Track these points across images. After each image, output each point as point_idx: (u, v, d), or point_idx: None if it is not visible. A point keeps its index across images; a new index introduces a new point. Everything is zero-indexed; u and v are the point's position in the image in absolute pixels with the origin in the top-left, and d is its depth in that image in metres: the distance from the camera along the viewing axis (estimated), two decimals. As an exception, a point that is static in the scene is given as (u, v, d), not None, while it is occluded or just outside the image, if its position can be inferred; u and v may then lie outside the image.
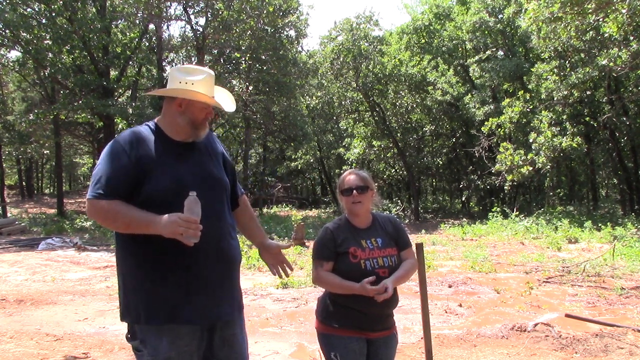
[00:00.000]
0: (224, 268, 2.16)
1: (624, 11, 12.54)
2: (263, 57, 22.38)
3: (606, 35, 14.87)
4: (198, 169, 2.16)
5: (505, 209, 19.57)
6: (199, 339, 2.11)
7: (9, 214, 22.95)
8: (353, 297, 2.38)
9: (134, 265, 2.08)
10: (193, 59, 23.21)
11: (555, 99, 18.24)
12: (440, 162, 29.32)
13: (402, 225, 2.69)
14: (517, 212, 18.01)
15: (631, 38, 15.01)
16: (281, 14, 21.81)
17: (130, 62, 22.39)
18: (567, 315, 5.53)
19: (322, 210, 29.61)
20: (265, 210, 26.35)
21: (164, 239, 1.97)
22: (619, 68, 15.22)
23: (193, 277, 2.07)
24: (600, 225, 13.98)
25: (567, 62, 18.60)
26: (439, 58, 24.98)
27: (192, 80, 2.17)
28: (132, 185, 2.02)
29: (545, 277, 7.88)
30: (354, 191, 2.50)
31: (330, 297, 2.49)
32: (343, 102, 25.94)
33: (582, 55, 18.04)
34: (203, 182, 2.12)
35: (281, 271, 2.49)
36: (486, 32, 22.86)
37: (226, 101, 2.33)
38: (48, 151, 28.83)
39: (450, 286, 7.43)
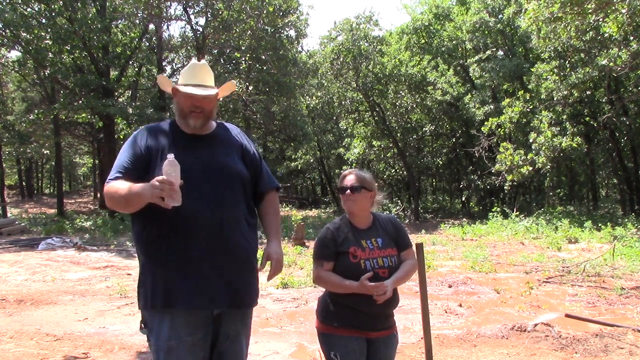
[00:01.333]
0: (226, 258, 2.15)
1: (624, 11, 12.53)
2: (263, 57, 22.37)
3: (606, 35, 14.87)
4: (204, 158, 2.21)
5: (505, 209, 19.56)
6: (203, 331, 2.12)
7: (9, 214, 22.94)
8: (353, 297, 2.39)
9: (143, 250, 2.18)
10: (193, 59, 23.18)
11: (555, 99, 18.23)
12: (440, 162, 29.31)
13: (403, 226, 2.69)
14: (517, 212, 18.01)
15: (631, 38, 15.00)
16: (281, 14, 21.80)
17: (130, 62, 22.39)
18: (567, 315, 5.53)
19: (322, 210, 29.61)
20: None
21: (162, 223, 2.07)
22: (619, 68, 15.21)
23: (187, 261, 2.09)
24: (600, 225, 13.98)
25: (567, 62, 18.60)
26: (438, 58, 24.97)
27: (182, 72, 2.32)
28: (143, 171, 2.12)
29: (545, 277, 7.88)
30: (348, 190, 2.51)
31: (331, 297, 2.50)
32: (343, 102, 25.93)
33: (582, 55, 18.04)
34: (206, 169, 2.16)
35: (267, 268, 2.38)
36: (486, 32, 22.86)
37: (205, 89, 2.26)
38: (48, 151, 28.82)
39: (450, 286, 7.43)
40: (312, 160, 32.92)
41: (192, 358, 2.08)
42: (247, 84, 23.60)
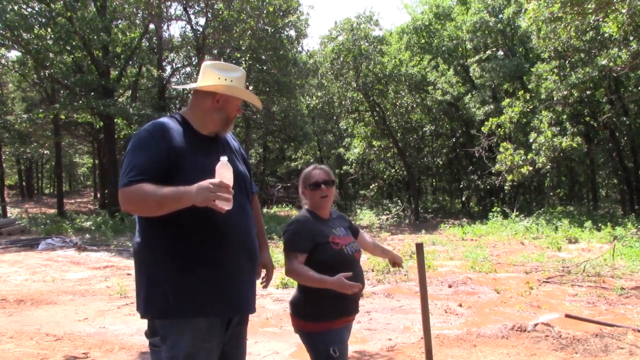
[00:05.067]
0: (249, 263, 2.18)
1: (624, 11, 12.52)
2: (263, 57, 22.37)
3: (606, 35, 14.87)
4: None
5: (505, 209, 19.56)
6: (219, 335, 2.11)
7: (9, 214, 22.95)
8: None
9: (162, 256, 2.05)
10: (193, 59, 23.20)
11: (555, 99, 18.24)
12: (440, 162, 29.32)
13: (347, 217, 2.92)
14: (517, 212, 18.00)
15: (631, 38, 15.01)
16: (281, 14, 21.79)
17: (130, 62, 22.38)
18: (567, 316, 5.53)
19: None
20: (265, 210, 26.34)
21: (196, 230, 2.01)
22: (619, 68, 15.21)
23: (223, 270, 2.07)
24: (600, 225, 13.97)
25: (567, 62, 18.60)
26: (439, 58, 24.98)
27: (231, 78, 2.21)
28: (163, 174, 2.00)
29: (546, 277, 7.88)
30: (322, 185, 2.57)
31: (315, 293, 2.46)
32: (343, 102, 25.93)
33: (582, 55, 18.04)
34: (234, 176, 2.08)
35: (262, 280, 2.50)
36: (486, 32, 22.86)
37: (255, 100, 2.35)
38: (48, 151, 28.84)
39: (450, 286, 7.43)
40: (312, 160, 32.90)
41: None
42: (247, 84, 23.59)
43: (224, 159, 1.92)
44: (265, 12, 20.08)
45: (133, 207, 1.98)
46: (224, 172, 1.89)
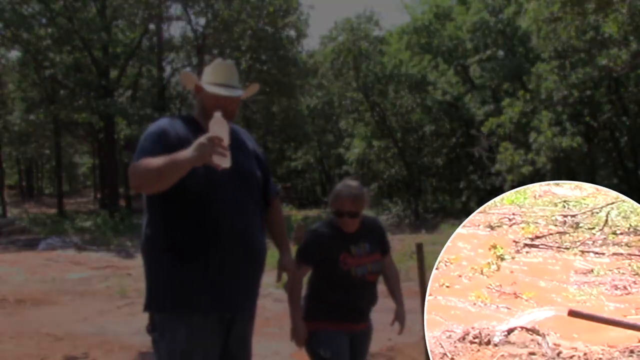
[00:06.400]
0: (249, 261, 2.17)
1: (624, 11, 12.54)
2: (263, 57, 22.39)
3: (606, 35, 14.88)
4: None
5: (506, 209, 19.53)
6: (218, 334, 2.11)
7: (9, 214, 22.93)
8: (335, 293, 2.42)
9: (159, 251, 2.07)
10: (193, 59, 23.22)
11: (555, 99, 18.24)
12: (440, 162, 29.28)
13: (385, 229, 2.72)
14: (517, 212, 17.97)
15: (631, 38, 15.01)
16: (281, 14, 21.81)
17: (130, 62, 22.39)
18: (572, 313, 5.43)
19: (322, 210, 29.59)
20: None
21: (191, 227, 2.02)
22: (619, 68, 15.22)
23: (219, 267, 2.07)
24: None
25: (567, 62, 18.60)
26: (439, 58, 24.98)
27: (210, 68, 2.23)
28: None
29: (531, 234, 7.80)
30: (346, 216, 2.43)
31: (313, 294, 2.50)
32: (343, 102, 25.93)
33: (582, 55, 18.05)
34: (233, 173, 2.03)
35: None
36: (486, 32, 22.86)
37: (233, 91, 2.23)
38: (48, 151, 28.82)
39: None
40: (312, 160, 32.91)
41: None
42: (247, 83, 23.61)
43: (217, 114, 1.89)
44: (265, 12, 20.10)
45: (137, 181, 1.97)
46: (215, 128, 1.85)
